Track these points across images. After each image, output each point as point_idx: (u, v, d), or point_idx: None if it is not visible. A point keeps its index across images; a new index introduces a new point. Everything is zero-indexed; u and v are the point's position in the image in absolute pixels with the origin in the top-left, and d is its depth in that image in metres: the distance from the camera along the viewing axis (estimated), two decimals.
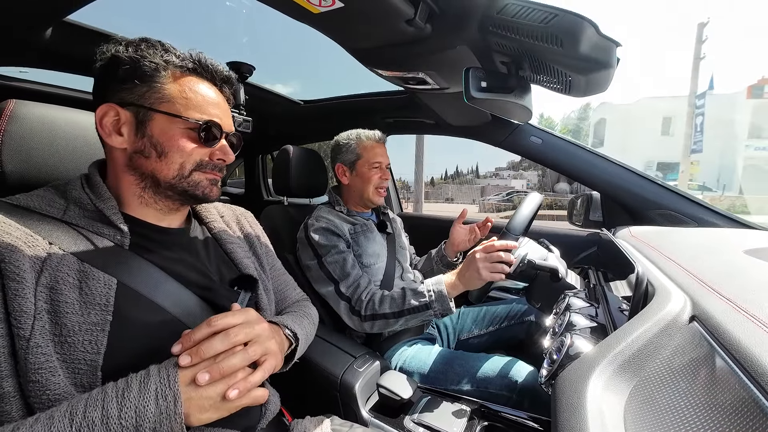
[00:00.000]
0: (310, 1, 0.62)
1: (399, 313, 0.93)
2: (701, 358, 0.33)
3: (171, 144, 0.54)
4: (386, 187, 1.19)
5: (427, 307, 0.91)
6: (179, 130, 0.54)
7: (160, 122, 0.54)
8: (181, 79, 0.55)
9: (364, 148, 1.16)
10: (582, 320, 0.62)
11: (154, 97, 0.53)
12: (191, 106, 0.55)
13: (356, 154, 1.17)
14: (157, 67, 0.53)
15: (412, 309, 0.92)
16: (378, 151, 1.17)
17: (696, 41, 13.00)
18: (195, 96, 0.55)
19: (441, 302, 0.90)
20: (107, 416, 0.39)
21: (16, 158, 0.59)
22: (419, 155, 7.96)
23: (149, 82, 0.53)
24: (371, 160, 1.16)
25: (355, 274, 1.01)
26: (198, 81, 0.57)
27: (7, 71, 1.15)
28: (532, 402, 0.84)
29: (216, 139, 0.57)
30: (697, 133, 14.77)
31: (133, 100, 0.53)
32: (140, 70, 0.52)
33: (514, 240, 0.85)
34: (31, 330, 0.42)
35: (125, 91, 0.53)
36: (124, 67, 0.52)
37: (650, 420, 0.32)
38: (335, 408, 0.84)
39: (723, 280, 0.45)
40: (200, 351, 0.44)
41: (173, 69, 0.55)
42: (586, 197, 1.31)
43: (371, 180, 1.16)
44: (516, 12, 0.60)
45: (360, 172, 1.17)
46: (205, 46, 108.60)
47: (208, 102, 0.57)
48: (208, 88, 0.58)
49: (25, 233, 0.47)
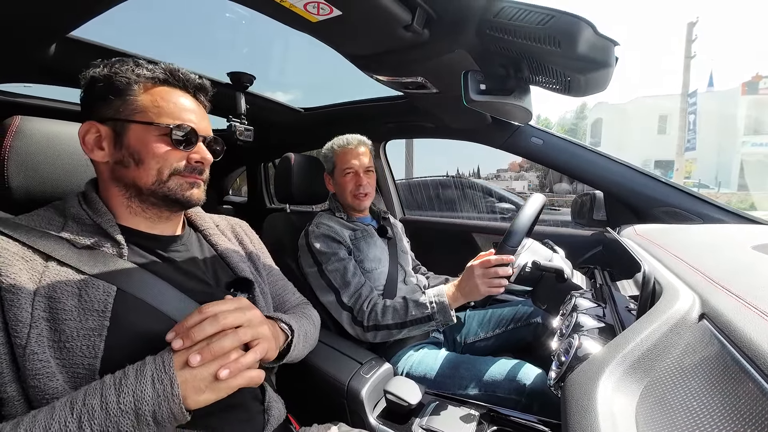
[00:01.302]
0: (308, 10, 0.62)
1: (402, 324, 0.94)
2: (712, 356, 0.33)
3: (146, 151, 0.56)
4: (366, 192, 1.17)
5: (430, 319, 0.92)
6: (153, 137, 0.56)
7: (135, 132, 0.56)
8: (153, 89, 0.58)
9: (337, 155, 1.19)
10: (589, 321, 0.62)
11: (128, 109, 0.56)
12: (164, 114, 0.57)
13: (333, 162, 1.20)
14: (129, 81, 0.56)
15: (414, 320, 0.93)
16: (350, 156, 1.17)
17: (686, 40, 13.09)
18: (167, 104, 0.58)
19: (443, 314, 0.91)
20: (106, 402, 0.41)
21: (22, 173, 0.60)
22: (409, 159, 7.96)
23: (123, 96, 0.56)
24: (343, 167, 1.17)
25: (356, 283, 1.01)
26: (170, 90, 0.59)
27: (12, 87, 1.17)
28: (541, 405, 0.83)
29: (192, 144, 0.59)
30: (690, 132, 14.78)
31: (110, 115, 0.56)
32: (114, 85, 0.55)
33: (512, 250, 0.85)
34: (27, 338, 0.44)
35: (103, 108, 0.56)
36: (99, 85, 0.56)
37: (663, 421, 0.31)
38: (342, 415, 0.83)
39: (731, 277, 0.45)
40: (191, 334, 0.46)
41: (145, 81, 0.57)
42: (589, 197, 1.30)
43: (346, 186, 1.17)
44: (513, 15, 0.61)
45: (337, 180, 1.20)
46: (206, 58, 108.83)
47: (180, 109, 0.59)
48: (181, 96, 0.60)
49: (22, 249, 0.49)
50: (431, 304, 0.92)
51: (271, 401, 0.66)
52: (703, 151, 17.84)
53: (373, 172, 1.22)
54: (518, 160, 16.24)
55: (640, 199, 1.12)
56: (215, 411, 0.47)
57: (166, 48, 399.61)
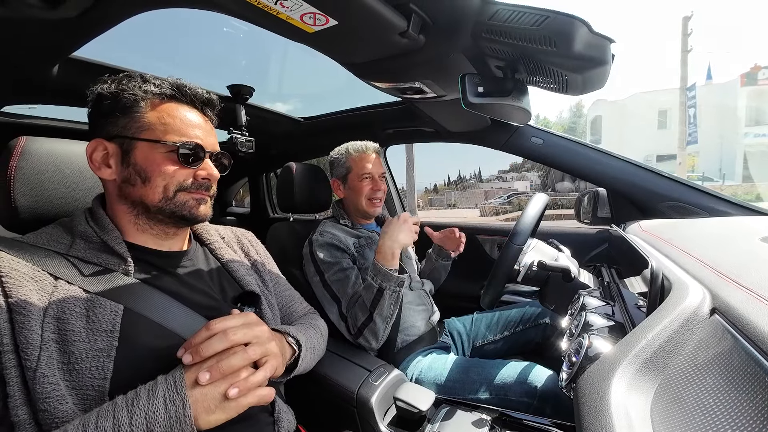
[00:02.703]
0: (305, 21, 0.63)
1: (370, 314, 0.94)
2: (726, 351, 0.32)
3: (153, 169, 0.56)
4: (380, 198, 1.19)
5: (381, 290, 0.92)
6: (160, 155, 0.56)
7: (142, 150, 0.56)
8: (160, 106, 0.57)
9: (353, 160, 1.19)
10: (599, 320, 0.61)
11: (135, 126, 0.56)
12: (170, 131, 0.57)
13: (346, 167, 1.19)
14: (136, 98, 0.56)
15: (373, 302, 0.93)
16: (367, 162, 1.18)
17: (682, 34, 13.13)
18: (173, 121, 0.57)
19: (383, 276, 0.92)
20: (118, 424, 0.41)
21: (28, 193, 0.61)
22: (409, 163, 7.97)
23: (129, 113, 0.56)
24: (360, 172, 1.17)
25: (353, 294, 1.01)
26: (177, 106, 0.59)
27: (17, 109, 1.19)
28: (553, 407, 0.82)
29: (199, 159, 0.59)
30: (690, 125, 14.70)
31: (117, 132, 0.56)
32: (120, 102, 0.55)
33: (518, 249, 0.84)
34: (37, 361, 0.44)
35: (110, 125, 0.56)
36: (106, 102, 0.55)
37: (679, 419, 0.31)
38: (353, 423, 0.83)
39: (741, 270, 0.44)
40: (200, 350, 0.46)
41: (152, 98, 0.57)
42: (592, 194, 1.29)
43: (362, 191, 1.17)
44: (507, 17, 0.61)
45: (351, 185, 1.19)
46: (205, 72, 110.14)
47: (187, 125, 0.58)
48: (188, 112, 0.60)
49: (32, 269, 0.49)
50: (372, 278, 0.93)
51: (281, 412, 0.66)
52: (705, 144, 17.74)
53: (384, 179, 1.22)
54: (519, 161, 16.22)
55: (644, 194, 1.11)
56: (224, 424, 0.47)
57: (166, 64, 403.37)
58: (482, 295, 0.89)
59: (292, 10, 0.59)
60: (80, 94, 0.58)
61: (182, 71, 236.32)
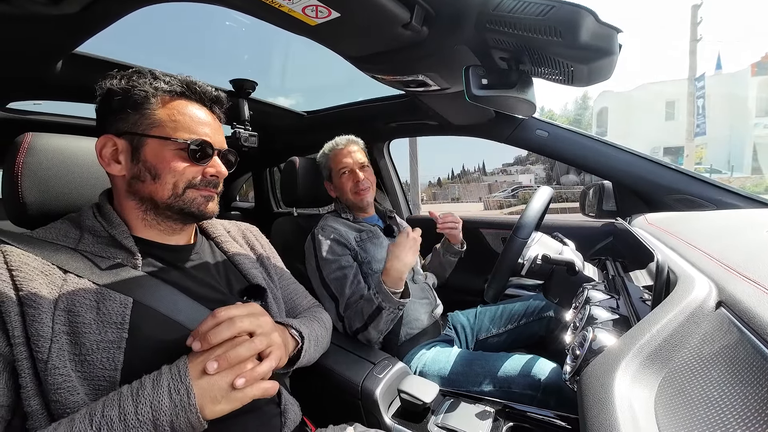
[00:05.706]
0: (307, 13, 0.63)
1: (365, 324, 0.94)
2: (732, 344, 0.32)
3: (163, 166, 0.56)
4: (366, 187, 1.17)
5: (380, 309, 0.91)
6: (170, 152, 0.57)
7: (152, 147, 0.56)
8: (170, 103, 0.58)
9: (330, 159, 1.20)
10: (603, 313, 0.61)
11: (145, 123, 0.56)
12: (180, 128, 0.57)
13: (328, 168, 1.21)
14: (147, 95, 0.56)
15: (371, 316, 0.93)
16: (343, 157, 1.18)
17: (691, 23, 12.85)
18: (183, 118, 0.58)
19: (387, 298, 0.91)
20: (124, 413, 0.41)
21: (35, 189, 0.61)
22: (413, 157, 7.91)
23: (140, 110, 0.56)
24: (338, 168, 1.18)
25: (349, 294, 1.01)
26: (187, 103, 0.59)
27: (22, 105, 1.20)
28: (557, 400, 0.82)
29: (208, 157, 0.59)
30: (699, 116, 14.42)
31: (127, 129, 0.56)
32: (131, 99, 0.55)
33: (523, 243, 0.84)
34: (48, 353, 0.45)
35: (120, 121, 0.56)
36: (117, 98, 0.56)
37: (683, 412, 0.31)
38: (357, 416, 0.84)
39: (748, 263, 0.43)
40: (208, 337, 0.47)
41: (162, 95, 0.57)
42: (597, 187, 1.28)
43: (345, 186, 1.18)
44: (512, 7, 0.60)
45: (336, 183, 1.21)
46: (208, 67, 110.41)
47: (197, 122, 0.59)
48: (198, 109, 0.60)
49: (42, 263, 0.50)
50: (374, 294, 0.92)
51: (287, 404, 0.67)
52: (713, 135, 17.45)
53: (369, 167, 1.21)
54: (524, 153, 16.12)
55: (650, 187, 1.10)
56: (231, 415, 0.48)
57: (168, 59, 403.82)
58: (486, 289, 0.89)
59: (294, 2, 0.59)
60: (85, 90, 0.58)
61: (184, 66, 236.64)
